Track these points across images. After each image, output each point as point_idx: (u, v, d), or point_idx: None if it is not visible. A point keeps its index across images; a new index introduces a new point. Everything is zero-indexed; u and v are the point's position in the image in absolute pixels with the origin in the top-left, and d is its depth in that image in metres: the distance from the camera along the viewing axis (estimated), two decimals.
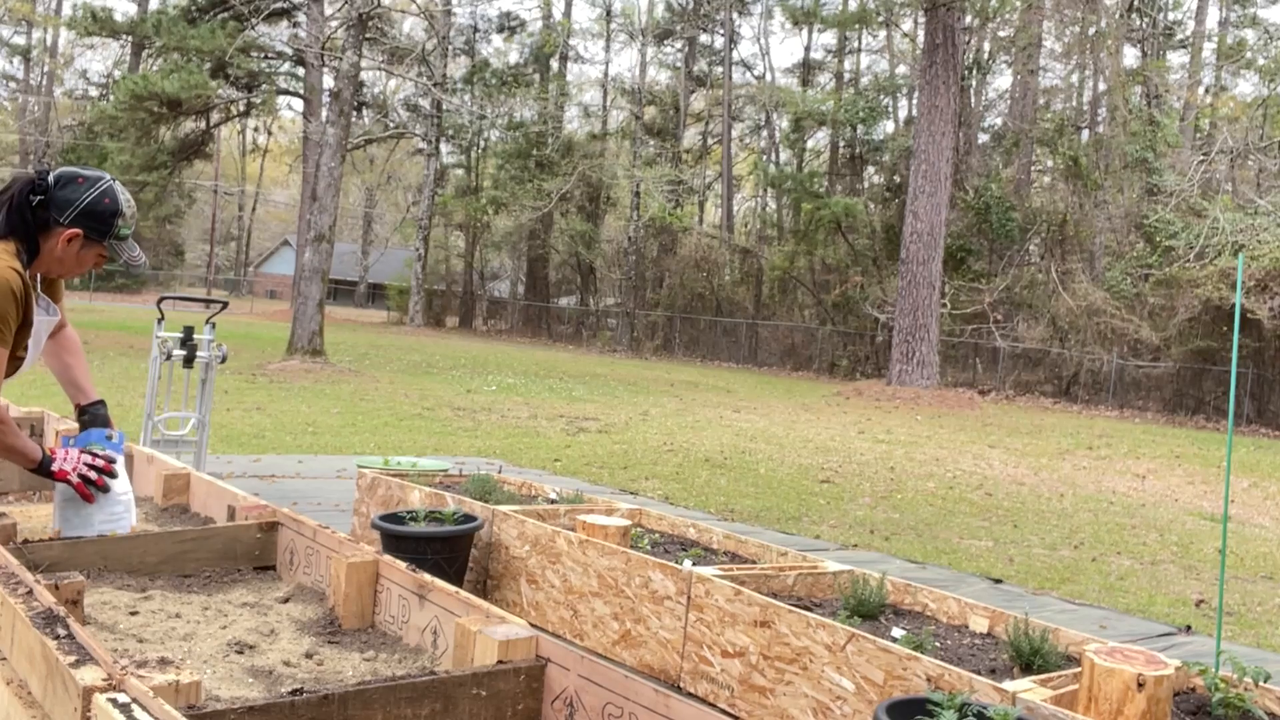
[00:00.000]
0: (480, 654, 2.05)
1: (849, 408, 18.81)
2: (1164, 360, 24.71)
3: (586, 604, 4.00)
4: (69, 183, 2.69)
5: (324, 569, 2.65)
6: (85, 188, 2.70)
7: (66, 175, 2.70)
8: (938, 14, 21.87)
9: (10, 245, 2.63)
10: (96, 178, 2.73)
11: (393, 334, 33.53)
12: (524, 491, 5.23)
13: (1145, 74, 29.19)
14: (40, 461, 2.74)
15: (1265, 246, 21.16)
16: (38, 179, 2.67)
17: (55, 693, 1.74)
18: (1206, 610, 5.55)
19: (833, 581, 3.90)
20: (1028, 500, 9.18)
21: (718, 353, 34.43)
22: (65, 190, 2.68)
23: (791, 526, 7.00)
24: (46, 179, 2.68)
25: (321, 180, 17.91)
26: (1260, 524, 8.93)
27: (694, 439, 11.74)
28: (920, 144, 21.98)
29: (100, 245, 2.72)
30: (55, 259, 2.69)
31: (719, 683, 3.46)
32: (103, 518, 2.71)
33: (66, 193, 2.68)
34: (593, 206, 39.55)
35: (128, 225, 2.76)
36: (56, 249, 2.67)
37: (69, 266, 2.75)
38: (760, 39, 66.63)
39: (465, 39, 42.43)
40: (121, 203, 2.73)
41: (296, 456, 8.24)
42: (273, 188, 64.93)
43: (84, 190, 2.69)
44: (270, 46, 33.07)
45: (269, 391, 13.21)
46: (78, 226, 2.66)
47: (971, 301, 27.12)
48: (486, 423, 11.68)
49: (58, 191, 2.68)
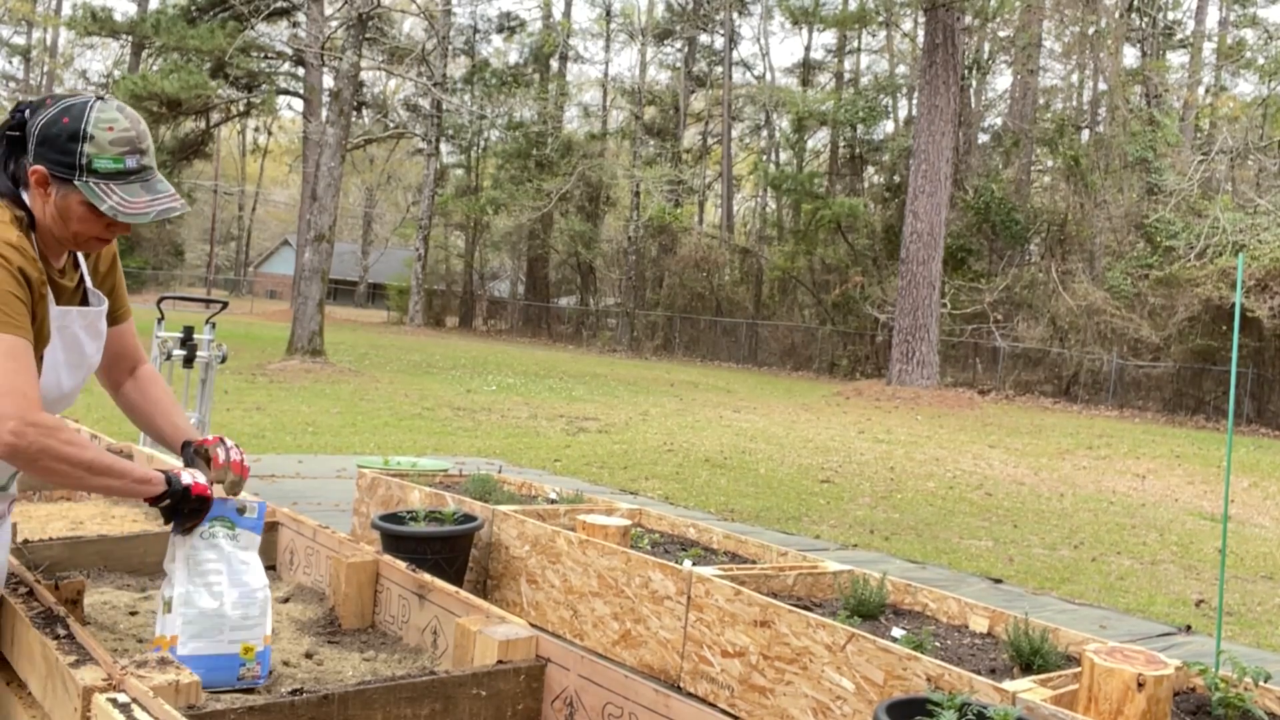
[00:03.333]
0: (480, 654, 2.05)
1: (849, 408, 18.81)
2: (1164, 360, 24.70)
3: (586, 604, 4.00)
4: (39, 106, 1.94)
5: (324, 569, 2.65)
6: (49, 109, 1.92)
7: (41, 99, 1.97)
8: (938, 14, 21.86)
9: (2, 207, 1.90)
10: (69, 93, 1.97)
11: (393, 334, 33.52)
12: (524, 491, 5.23)
13: (1145, 74, 29.18)
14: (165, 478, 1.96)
15: (1265, 246, 21.16)
16: (12, 113, 1.97)
17: (55, 693, 1.74)
18: (1206, 610, 5.55)
19: (833, 581, 3.90)
20: (1028, 500, 9.18)
21: (718, 353, 34.42)
22: (34, 117, 1.93)
23: (791, 526, 7.00)
24: (22, 109, 1.96)
25: (321, 180, 17.91)
26: (1260, 524, 8.93)
27: (694, 439, 11.74)
28: (920, 144, 21.97)
29: (73, 188, 1.88)
30: (50, 218, 1.92)
31: (719, 683, 3.46)
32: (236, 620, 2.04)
33: (33, 121, 1.92)
34: (592, 206, 39.54)
35: (105, 154, 1.89)
36: (39, 205, 1.92)
37: (64, 226, 1.93)
38: (760, 39, 66.64)
39: (465, 39, 42.43)
40: (89, 120, 1.89)
41: (296, 456, 8.24)
42: (273, 188, 64.92)
43: (46, 111, 1.92)
44: (270, 46, 33.06)
45: (269, 391, 13.20)
46: (39, 162, 1.89)
47: (971, 301, 27.12)
48: (486, 423, 11.68)
49: (29, 121, 1.93)
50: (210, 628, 2.01)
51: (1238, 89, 33.98)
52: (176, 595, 2.01)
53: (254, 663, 2.05)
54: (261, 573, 2.12)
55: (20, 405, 1.72)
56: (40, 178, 1.88)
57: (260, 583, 2.10)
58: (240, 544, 2.10)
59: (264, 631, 2.07)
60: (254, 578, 2.09)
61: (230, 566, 2.07)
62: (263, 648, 2.06)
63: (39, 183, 1.89)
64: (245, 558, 2.10)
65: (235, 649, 2.03)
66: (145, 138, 1.95)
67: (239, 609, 2.04)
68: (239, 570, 2.08)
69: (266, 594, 2.10)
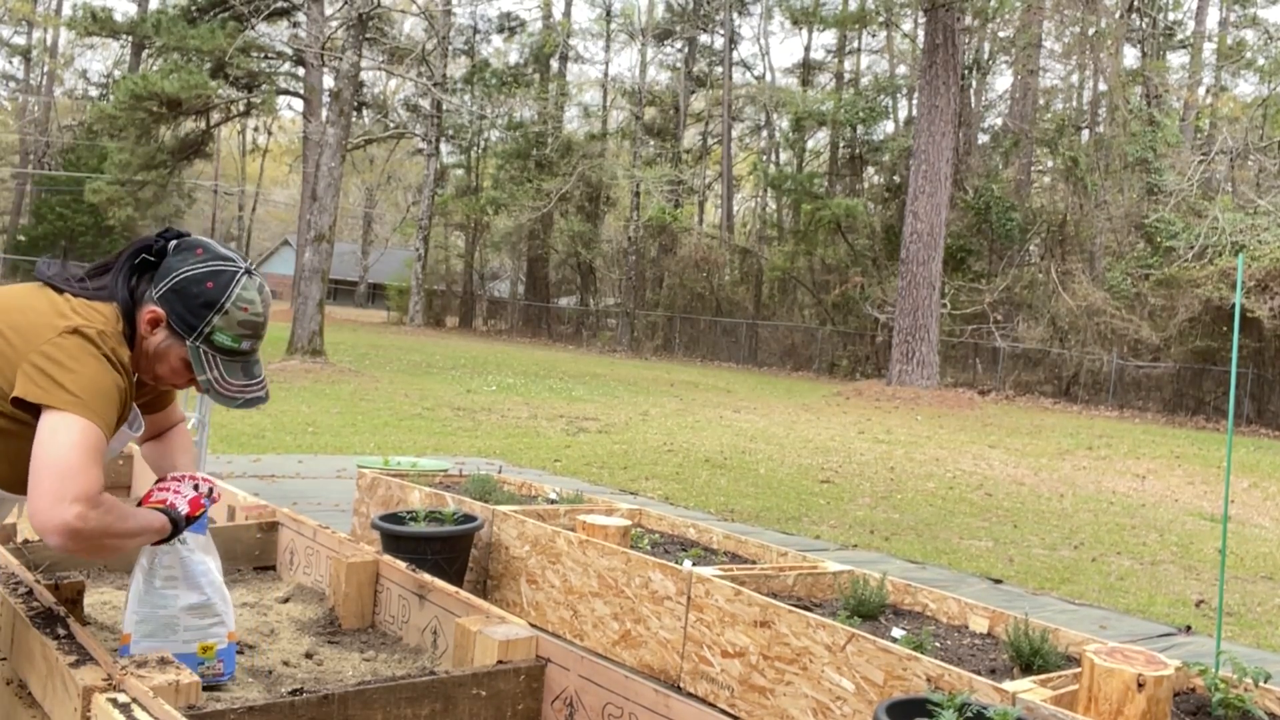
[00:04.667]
0: (480, 654, 2.05)
1: (849, 408, 18.81)
2: (1164, 360, 24.70)
3: (586, 604, 4.00)
4: (188, 250, 1.98)
5: (324, 569, 2.65)
6: (198, 260, 1.96)
7: (193, 242, 2.00)
8: (938, 14, 21.86)
9: (114, 314, 1.92)
10: (222, 255, 1.98)
11: (393, 334, 33.52)
12: (524, 491, 5.23)
13: (1145, 74, 29.18)
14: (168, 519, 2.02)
15: (1265, 246, 21.16)
16: (158, 236, 2.01)
17: (55, 692, 1.74)
18: (1206, 610, 5.55)
19: (833, 581, 3.90)
20: (1027, 500, 9.18)
21: (718, 353, 34.42)
22: (177, 256, 1.97)
23: (791, 526, 7.00)
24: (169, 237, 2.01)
25: (321, 180, 17.91)
26: (1260, 524, 8.93)
27: (694, 439, 11.74)
28: (920, 144, 21.97)
29: (182, 343, 1.94)
30: (141, 349, 1.97)
31: (719, 683, 3.46)
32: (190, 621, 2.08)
33: (176, 259, 1.97)
34: (592, 206, 39.55)
35: (229, 331, 1.94)
36: (141, 331, 1.96)
37: (151, 365, 1.98)
38: (760, 39, 66.66)
39: (465, 39, 42.44)
40: (232, 295, 1.93)
41: (296, 456, 8.24)
42: (273, 188, 64.91)
43: (193, 262, 1.95)
44: (270, 46, 33.03)
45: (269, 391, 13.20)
46: (162, 305, 1.94)
47: (971, 301, 27.12)
48: (486, 423, 11.68)
49: (172, 256, 1.98)
50: (161, 627, 2.05)
51: (1238, 89, 34.03)
52: (130, 594, 2.07)
53: (215, 660, 2.08)
54: (217, 571, 2.13)
55: (88, 488, 1.74)
56: (156, 319, 1.94)
57: (216, 581, 2.12)
58: (189, 546, 2.11)
59: (226, 629, 2.09)
60: (209, 577, 2.11)
61: (185, 569, 2.09)
62: (225, 645, 2.09)
63: (152, 322, 1.94)
64: (199, 559, 2.12)
65: (191, 648, 2.06)
66: (267, 323, 2.02)
67: (193, 610, 2.07)
68: (194, 572, 2.10)
69: (224, 593, 2.12)
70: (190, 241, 1.99)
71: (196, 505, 2.06)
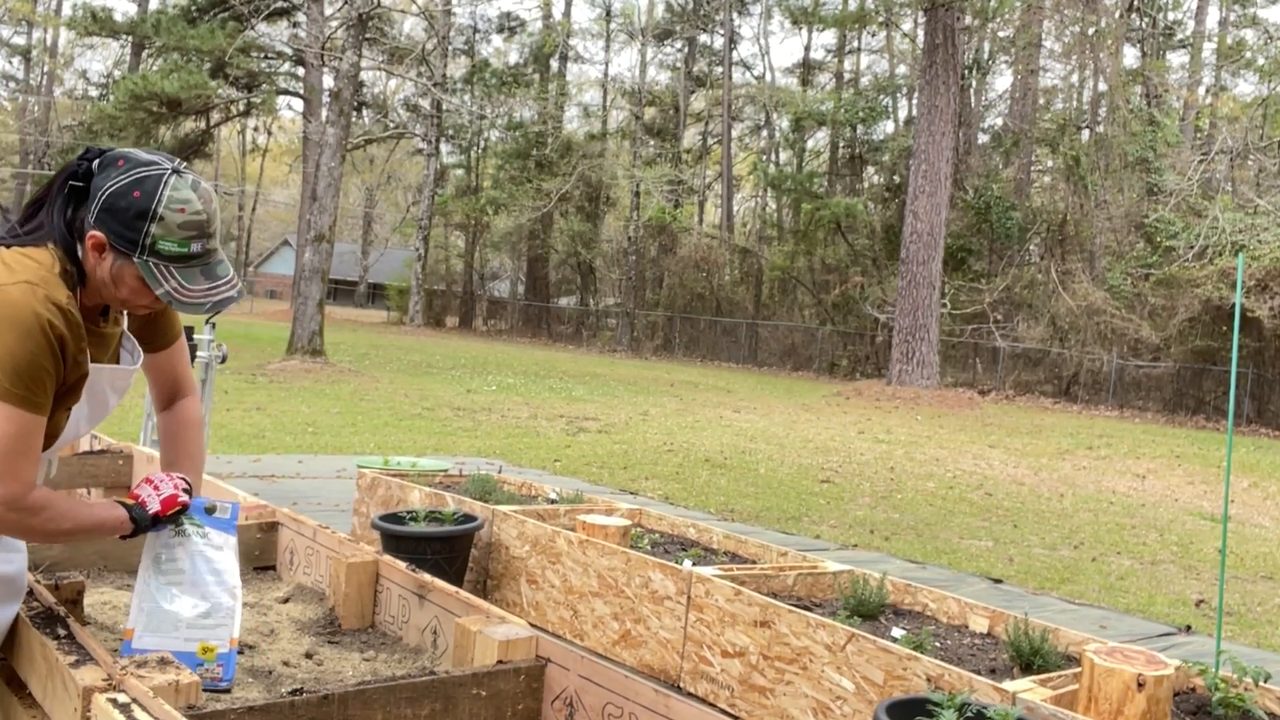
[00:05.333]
0: (480, 654, 2.05)
1: (849, 408, 18.81)
2: (1164, 360, 24.71)
3: (586, 604, 4.00)
4: (110, 164, 1.85)
5: (324, 569, 2.65)
6: (120, 172, 1.83)
7: (114, 155, 1.86)
8: (938, 14, 21.86)
9: (50, 257, 1.81)
10: (145, 160, 1.85)
11: (393, 334, 33.53)
12: (524, 491, 5.23)
13: (1145, 74, 29.19)
14: (130, 517, 1.94)
15: (1265, 246, 21.16)
16: (80, 159, 1.88)
17: (55, 692, 1.74)
18: (1206, 610, 5.55)
19: (833, 581, 3.90)
20: (1027, 500, 9.18)
21: (718, 353, 34.43)
22: (102, 174, 1.84)
23: (791, 526, 7.00)
24: (90, 157, 1.88)
25: (321, 180, 17.91)
26: (1260, 524, 8.93)
27: (694, 439, 11.74)
28: (920, 144, 21.97)
29: (131, 261, 1.81)
30: (100, 280, 1.85)
31: (719, 683, 3.46)
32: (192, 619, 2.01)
33: (100, 177, 1.84)
34: (592, 206, 39.55)
35: (171, 237, 1.80)
36: (90, 263, 1.84)
37: (111, 292, 1.86)
38: (760, 39, 66.63)
39: (465, 39, 42.44)
40: (162, 199, 1.80)
41: (296, 456, 8.24)
42: (273, 188, 64.93)
43: (116, 175, 1.82)
44: (270, 46, 33.05)
45: (269, 391, 13.20)
46: (99, 228, 1.81)
47: (971, 301, 27.12)
48: (486, 423, 11.68)
49: (98, 175, 1.85)
50: (164, 623, 1.99)
51: (1238, 89, 34.00)
52: (137, 589, 2.02)
53: (214, 664, 2.01)
54: (234, 573, 2.06)
55: (11, 490, 1.70)
56: (98, 244, 1.81)
57: (229, 584, 2.05)
58: (211, 543, 2.06)
59: (230, 634, 2.02)
60: (221, 578, 2.05)
61: (195, 565, 2.03)
62: (226, 649, 2.02)
63: (95, 247, 1.82)
64: (215, 557, 2.06)
65: (192, 647, 2.00)
66: (214, 219, 1.87)
67: (197, 608, 2.01)
68: (204, 570, 2.04)
69: (235, 597, 2.04)
70: (111, 155, 1.85)
71: (170, 504, 2.00)
